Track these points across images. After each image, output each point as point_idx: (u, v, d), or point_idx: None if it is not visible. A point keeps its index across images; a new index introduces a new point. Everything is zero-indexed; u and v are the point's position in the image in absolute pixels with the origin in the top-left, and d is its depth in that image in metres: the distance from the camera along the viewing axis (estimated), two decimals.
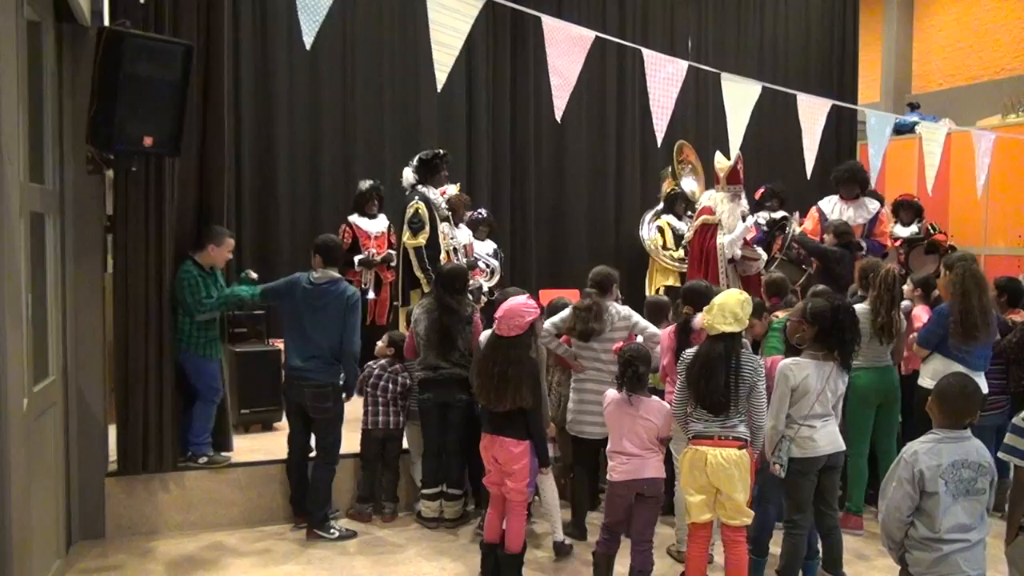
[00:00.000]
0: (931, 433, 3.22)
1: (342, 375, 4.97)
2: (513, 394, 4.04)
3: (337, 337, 4.89)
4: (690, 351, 4.06)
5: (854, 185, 6.90)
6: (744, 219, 6.87)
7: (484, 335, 4.64)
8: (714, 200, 6.96)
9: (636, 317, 4.92)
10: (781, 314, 4.93)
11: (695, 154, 7.79)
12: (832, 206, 7.14)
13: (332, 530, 4.95)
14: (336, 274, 5.00)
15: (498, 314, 4.18)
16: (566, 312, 4.89)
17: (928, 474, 3.10)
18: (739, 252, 6.85)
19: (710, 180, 7.69)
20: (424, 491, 5.18)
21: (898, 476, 3.16)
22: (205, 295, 4.99)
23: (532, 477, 4.25)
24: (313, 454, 5.04)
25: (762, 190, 8.11)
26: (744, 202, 7.05)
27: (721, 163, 6.96)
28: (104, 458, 5.02)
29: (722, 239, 6.78)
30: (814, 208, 7.38)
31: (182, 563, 4.66)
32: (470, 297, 5.73)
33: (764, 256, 7.16)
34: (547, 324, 4.74)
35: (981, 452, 3.20)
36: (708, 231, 6.91)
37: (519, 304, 4.17)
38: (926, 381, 4.88)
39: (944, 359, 4.87)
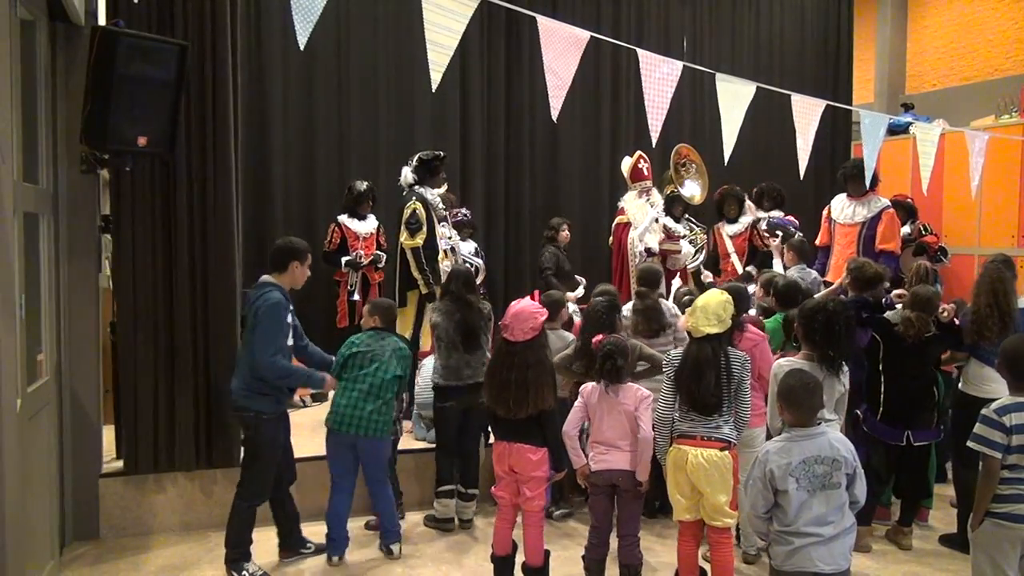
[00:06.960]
0: (784, 432, 3.36)
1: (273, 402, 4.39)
2: (535, 399, 3.90)
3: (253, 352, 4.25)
4: (676, 353, 4.08)
5: (861, 182, 6.88)
6: (658, 218, 7.28)
7: None
8: (626, 200, 7.47)
9: (676, 309, 5.30)
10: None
11: (695, 153, 7.79)
12: (841, 205, 7.12)
13: (243, 571, 4.37)
14: (267, 278, 4.40)
15: (506, 320, 4.02)
16: (627, 318, 5.05)
17: (778, 473, 3.23)
18: (655, 246, 7.20)
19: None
20: (438, 488, 5.13)
21: (753, 476, 3.33)
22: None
23: (549, 484, 4.17)
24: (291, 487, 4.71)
25: (755, 189, 8.11)
26: (657, 197, 7.41)
27: (626, 165, 7.48)
28: (98, 459, 5.02)
29: (632, 235, 7.19)
30: (824, 217, 7.33)
31: (176, 564, 4.66)
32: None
33: (686, 248, 7.44)
34: (633, 340, 4.73)
35: (835, 447, 3.29)
36: (620, 230, 7.44)
37: (527, 307, 4.01)
38: (964, 385, 4.86)
39: (976, 362, 4.80)
